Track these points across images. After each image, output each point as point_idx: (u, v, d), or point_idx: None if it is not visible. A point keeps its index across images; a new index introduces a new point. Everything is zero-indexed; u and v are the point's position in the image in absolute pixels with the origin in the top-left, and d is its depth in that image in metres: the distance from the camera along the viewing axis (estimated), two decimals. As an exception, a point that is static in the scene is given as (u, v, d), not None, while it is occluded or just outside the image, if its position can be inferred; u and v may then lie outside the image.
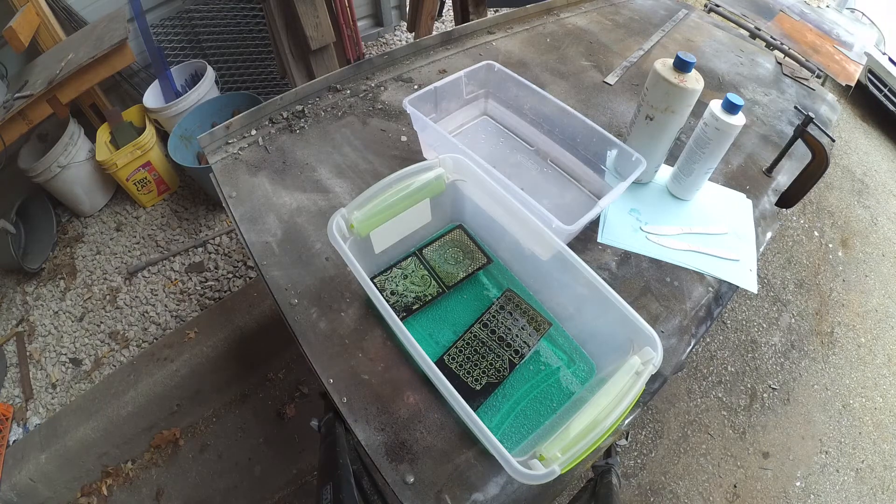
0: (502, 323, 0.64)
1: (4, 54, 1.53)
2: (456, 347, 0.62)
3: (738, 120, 0.71)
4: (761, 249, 0.80)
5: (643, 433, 1.41)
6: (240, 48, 1.97)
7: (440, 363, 0.61)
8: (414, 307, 0.64)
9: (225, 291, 1.60)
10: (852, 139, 2.55)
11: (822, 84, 1.20)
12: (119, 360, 1.46)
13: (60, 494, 1.22)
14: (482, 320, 0.64)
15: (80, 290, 1.62)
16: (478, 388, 0.59)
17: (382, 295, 0.52)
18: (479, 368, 0.60)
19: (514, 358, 0.61)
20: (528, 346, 0.62)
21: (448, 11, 2.49)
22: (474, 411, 0.45)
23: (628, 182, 0.67)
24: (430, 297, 0.65)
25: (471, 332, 0.63)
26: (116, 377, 1.34)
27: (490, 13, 1.85)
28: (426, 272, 0.68)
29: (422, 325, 0.65)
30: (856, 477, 1.43)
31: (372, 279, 0.63)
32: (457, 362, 0.61)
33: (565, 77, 1.05)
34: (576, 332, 0.65)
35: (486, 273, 0.71)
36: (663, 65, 0.70)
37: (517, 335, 0.63)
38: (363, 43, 2.02)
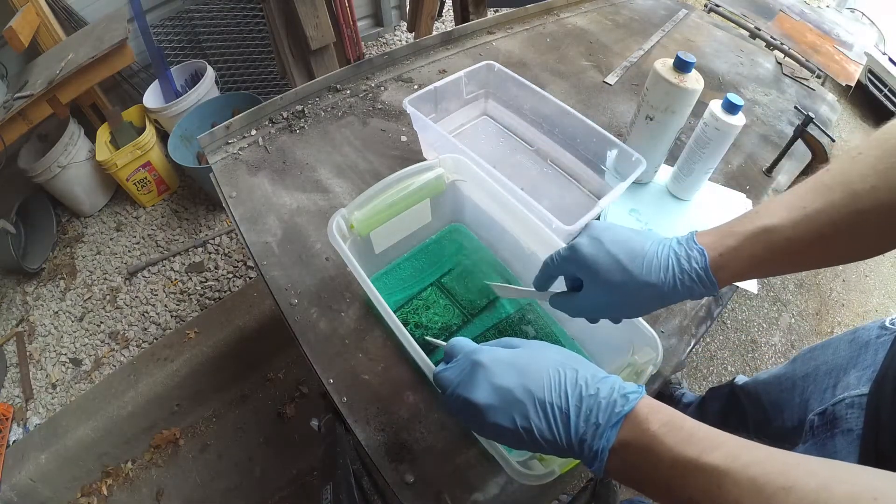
0: (516, 335, 0.64)
1: (4, 54, 1.53)
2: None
3: (738, 120, 0.71)
4: (761, 249, 0.80)
5: (643, 433, 1.41)
6: (240, 48, 1.97)
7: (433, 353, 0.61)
8: (440, 338, 0.64)
9: (225, 291, 1.60)
10: (852, 139, 2.55)
11: (822, 84, 1.20)
12: (119, 360, 1.46)
13: (60, 494, 1.22)
14: (498, 327, 0.65)
15: (80, 290, 1.62)
16: None
17: (407, 329, 0.52)
18: None
19: None
20: None
21: (448, 11, 2.49)
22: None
23: (628, 182, 0.67)
24: (455, 327, 0.65)
25: (483, 338, 0.64)
26: (116, 377, 1.34)
27: (490, 13, 1.85)
28: (448, 302, 0.67)
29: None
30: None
31: (395, 311, 0.63)
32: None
33: (565, 77, 1.05)
34: (576, 333, 0.65)
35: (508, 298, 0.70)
36: (663, 65, 0.70)
37: (516, 332, 0.63)
38: (363, 43, 2.02)
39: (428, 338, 0.53)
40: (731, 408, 1.01)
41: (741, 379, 1.01)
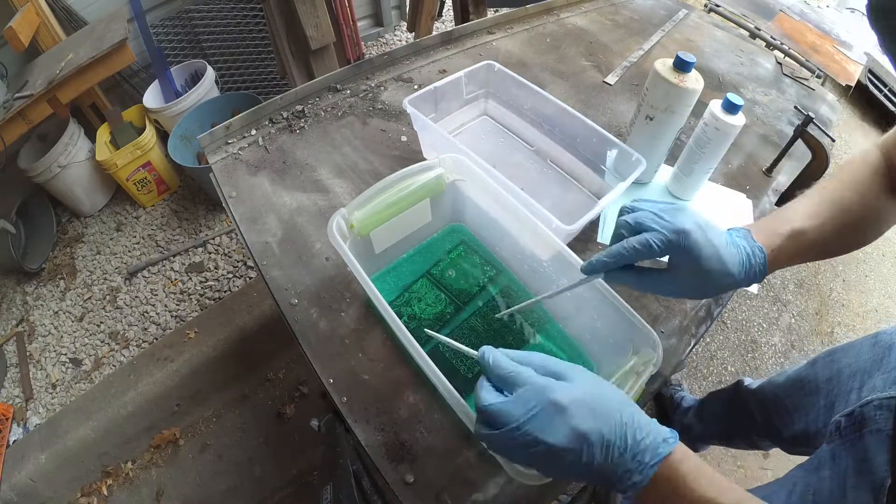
0: (513, 336, 0.64)
1: (4, 54, 1.53)
2: (450, 337, 0.62)
3: (738, 120, 0.71)
4: (761, 249, 0.79)
5: (643, 433, 1.40)
6: (240, 48, 1.97)
7: (434, 352, 0.61)
8: (435, 328, 0.64)
9: (225, 291, 1.60)
10: (852, 139, 2.54)
11: (822, 84, 1.20)
12: (119, 360, 1.46)
13: (60, 494, 1.22)
14: (479, 312, 0.65)
15: (80, 290, 1.62)
16: (470, 376, 0.60)
17: (402, 320, 0.52)
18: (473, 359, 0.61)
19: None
20: (524, 341, 0.63)
21: (448, 11, 2.49)
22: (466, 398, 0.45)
23: (628, 182, 0.67)
24: (448, 315, 0.65)
25: (468, 324, 0.64)
26: (116, 377, 1.34)
27: (490, 13, 1.85)
28: (439, 291, 0.68)
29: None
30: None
31: (389, 303, 0.63)
32: (451, 350, 0.61)
33: (565, 77, 1.05)
34: (576, 333, 0.65)
35: (494, 283, 0.71)
36: (663, 65, 0.70)
37: (514, 330, 0.63)
38: (363, 43, 2.02)
39: (458, 345, 0.47)
40: (735, 410, 1.00)
41: (750, 381, 1.00)
